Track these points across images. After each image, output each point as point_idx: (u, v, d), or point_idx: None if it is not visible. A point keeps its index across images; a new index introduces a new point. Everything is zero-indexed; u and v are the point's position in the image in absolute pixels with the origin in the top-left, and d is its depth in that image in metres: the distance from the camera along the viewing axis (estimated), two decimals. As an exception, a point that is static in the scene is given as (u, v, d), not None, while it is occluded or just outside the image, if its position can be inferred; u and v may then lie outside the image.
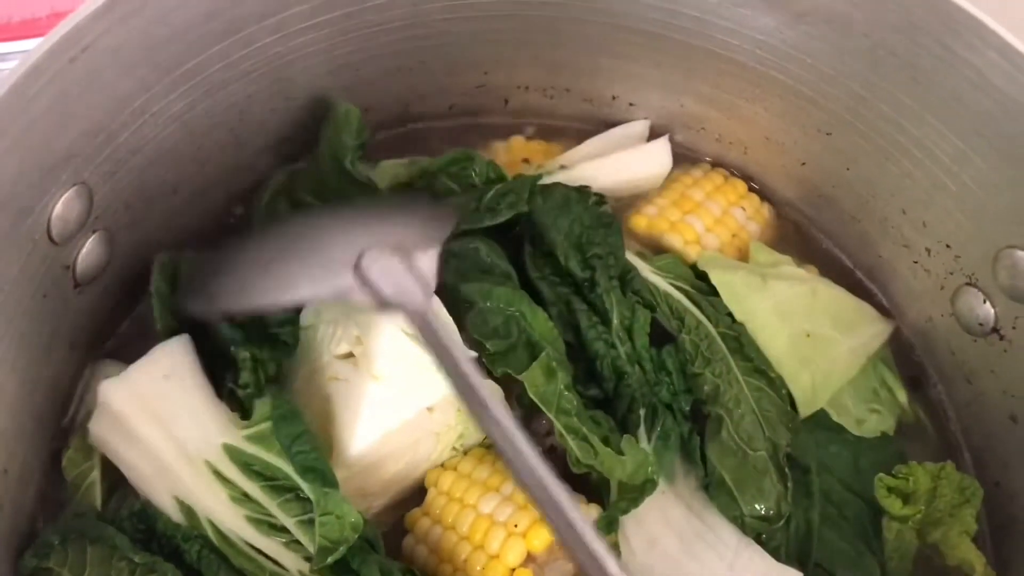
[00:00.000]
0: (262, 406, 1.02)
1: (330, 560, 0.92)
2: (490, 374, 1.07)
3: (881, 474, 1.11)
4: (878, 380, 1.26)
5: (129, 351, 1.07)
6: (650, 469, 1.00)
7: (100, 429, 1.04)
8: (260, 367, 1.06)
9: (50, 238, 0.97)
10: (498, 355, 1.05)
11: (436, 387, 1.04)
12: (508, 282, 1.11)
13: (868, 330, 1.28)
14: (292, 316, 1.10)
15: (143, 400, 1.01)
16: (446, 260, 1.09)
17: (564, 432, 1.02)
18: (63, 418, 1.12)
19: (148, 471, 1.01)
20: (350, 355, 1.06)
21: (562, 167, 1.29)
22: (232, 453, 1.00)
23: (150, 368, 1.03)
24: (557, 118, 1.40)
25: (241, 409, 1.04)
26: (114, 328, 1.19)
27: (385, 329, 1.04)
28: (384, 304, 0.92)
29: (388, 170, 1.27)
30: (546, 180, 1.24)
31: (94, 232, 1.05)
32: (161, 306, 1.08)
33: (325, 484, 0.95)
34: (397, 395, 1.04)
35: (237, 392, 1.04)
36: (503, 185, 1.21)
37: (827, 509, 1.13)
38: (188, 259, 1.13)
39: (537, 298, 1.12)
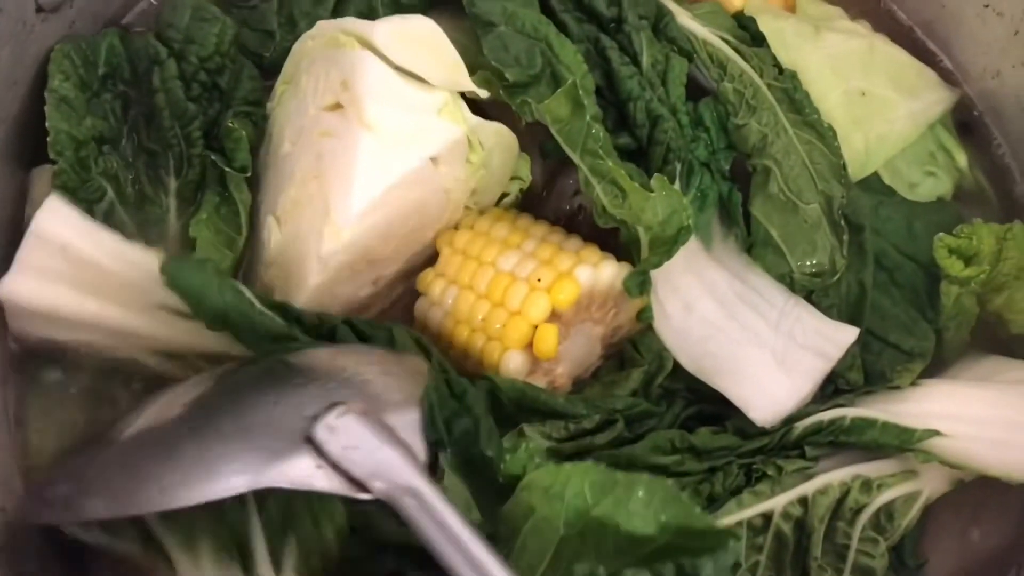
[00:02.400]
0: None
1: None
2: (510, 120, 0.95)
3: (941, 233, 1.01)
4: (935, 142, 1.15)
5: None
6: (685, 214, 0.89)
7: (25, 327, 0.91)
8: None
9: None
10: (519, 86, 0.93)
11: (439, 132, 0.92)
12: (531, 5, 0.97)
13: (929, 95, 1.15)
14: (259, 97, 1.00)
15: (56, 279, 0.88)
16: None
17: (590, 176, 0.90)
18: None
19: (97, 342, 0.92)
20: (338, 106, 0.93)
21: None
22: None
23: (42, 246, 0.88)
24: None
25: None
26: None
27: (371, 68, 0.91)
28: (359, 486, 0.69)
29: None
30: None
31: (55, -62, 0.92)
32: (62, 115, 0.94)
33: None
34: (395, 144, 0.91)
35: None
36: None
37: (879, 274, 1.04)
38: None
39: (563, 32, 0.99)
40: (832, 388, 0.96)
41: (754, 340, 0.94)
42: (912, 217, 1.08)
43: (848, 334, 0.93)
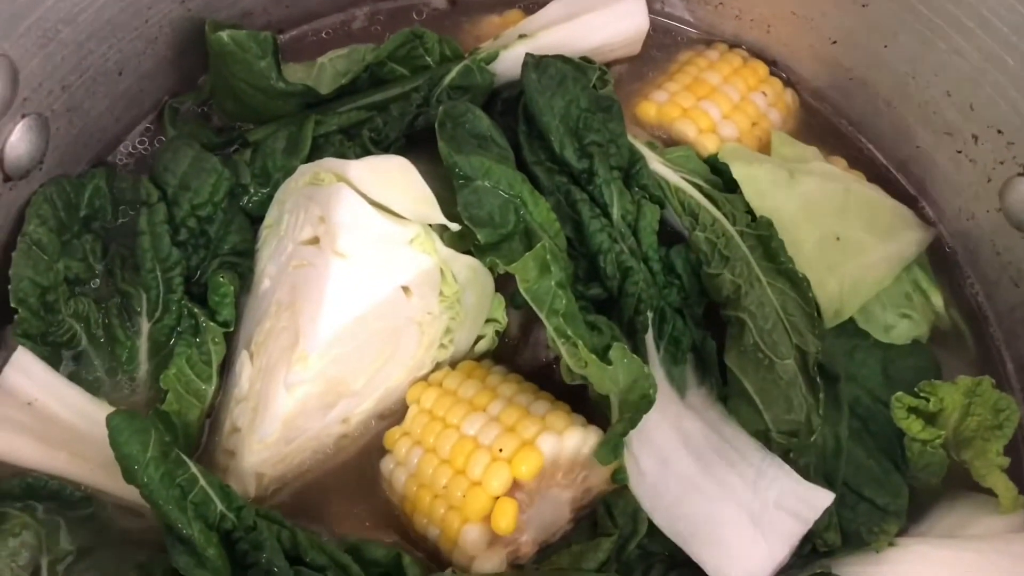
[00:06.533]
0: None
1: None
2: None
3: (900, 393, 0.99)
4: (911, 283, 1.13)
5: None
6: (647, 383, 0.88)
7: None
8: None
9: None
10: (489, 246, 0.92)
11: (411, 261, 0.92)
12: (507, 161, 0.98)
13: (905, 236, 1.14)
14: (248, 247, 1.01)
15: (22, 431, 0.91)
16: (441, 124, 0.97)
17: (555, 336, 0.89)
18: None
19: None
20: (315, 240, 0.94)
21: (522, 36, 1.14)
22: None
23: (9, 401, 0.91)
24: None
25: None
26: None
27: (347, 200, 0.91)
28: None
29: (329, 69, 1.12)
30: (503, 54, 1.09)
31: (24, 116, 0.92)
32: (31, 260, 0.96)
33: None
34: (366, 271, 0.91)
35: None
36: (457, 76, 1.08)
37: (852, 422, 1.02)
38: None
39: (534, 184, 0.99)
40: (809, 548, 0.93)
41: (731, 498, 0.92)
42: (887, 361, 1.07)
43: (824, 497, 0.91)
